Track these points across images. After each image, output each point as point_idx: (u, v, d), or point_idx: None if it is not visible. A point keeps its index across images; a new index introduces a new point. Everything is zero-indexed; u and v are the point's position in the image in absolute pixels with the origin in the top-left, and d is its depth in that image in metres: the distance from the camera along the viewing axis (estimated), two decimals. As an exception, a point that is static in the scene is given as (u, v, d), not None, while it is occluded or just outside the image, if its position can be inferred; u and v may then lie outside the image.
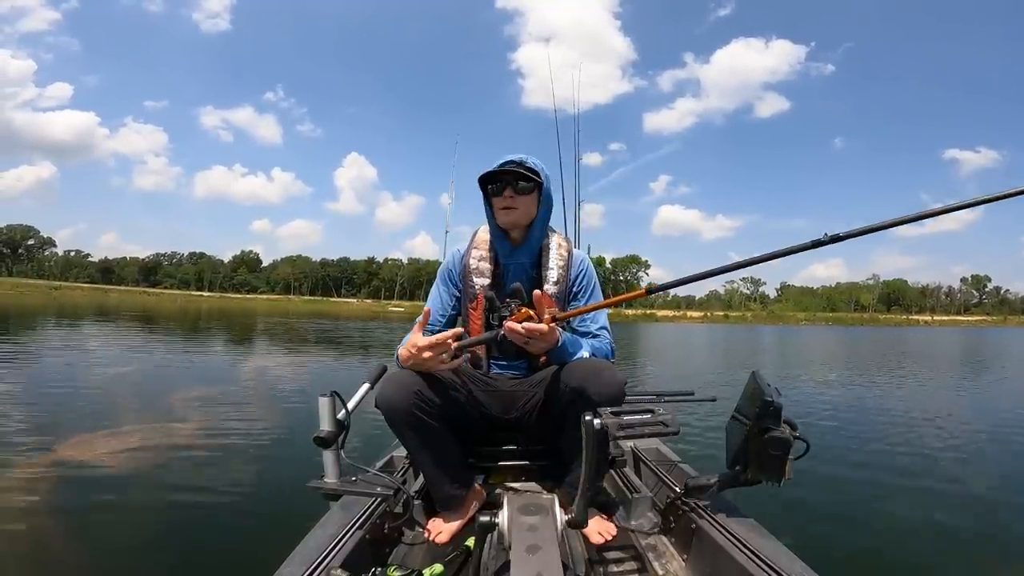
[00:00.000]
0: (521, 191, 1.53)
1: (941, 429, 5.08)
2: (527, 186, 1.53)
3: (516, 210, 1.54)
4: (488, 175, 1.54)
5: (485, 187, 1.57)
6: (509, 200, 1.53)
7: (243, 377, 7.22)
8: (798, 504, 2.71)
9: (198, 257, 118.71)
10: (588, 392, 1.27)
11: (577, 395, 1.29)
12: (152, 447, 3.43)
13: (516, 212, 1.54)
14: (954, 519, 2.79)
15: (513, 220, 1.55)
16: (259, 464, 3.26)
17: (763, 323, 65.60)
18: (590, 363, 1.37)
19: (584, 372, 1.32)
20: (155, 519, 2.46)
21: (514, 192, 1.52)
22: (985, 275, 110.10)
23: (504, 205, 1.53)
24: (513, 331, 1.26)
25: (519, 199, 1.53)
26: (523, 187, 1.53)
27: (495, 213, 1.56)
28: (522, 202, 1.54)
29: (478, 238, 1.64)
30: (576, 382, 1.30)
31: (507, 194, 1.52)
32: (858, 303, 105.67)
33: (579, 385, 1.29)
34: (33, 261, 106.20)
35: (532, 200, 1.55)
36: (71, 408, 4.52)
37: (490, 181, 1.55)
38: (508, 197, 1.53)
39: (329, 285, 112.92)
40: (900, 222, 1.08)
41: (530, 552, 0.90)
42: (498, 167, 1.53)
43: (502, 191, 1.53)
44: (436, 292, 1.64)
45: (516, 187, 1.52)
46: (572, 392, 1.31)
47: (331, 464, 1.34)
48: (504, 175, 1.53)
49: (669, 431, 1.02)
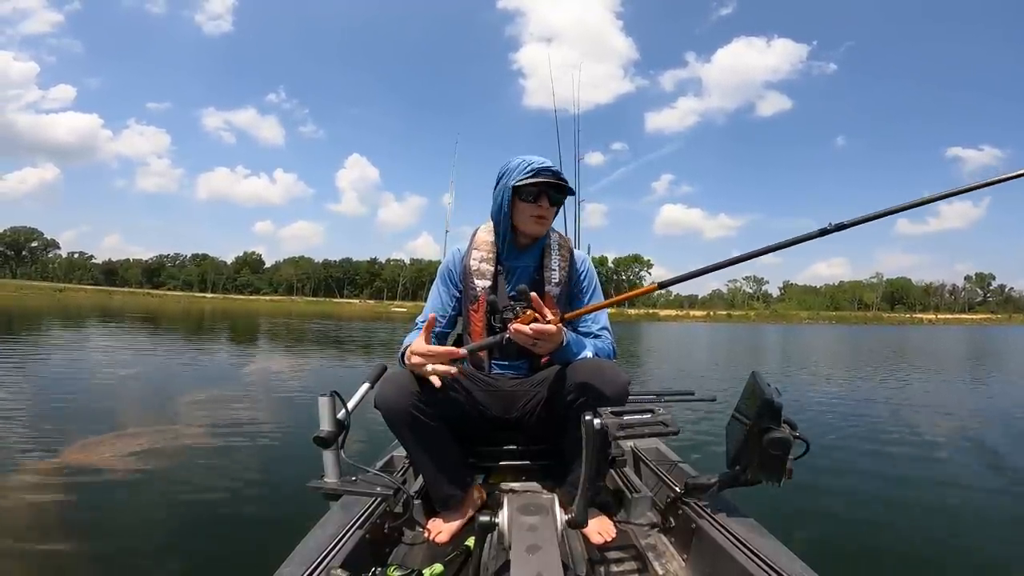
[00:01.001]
0: (554, 202, 1.52)
1: (943, 428, 5.06)
2: (561, 198, 1.53)
3: (547, 220, 1.53)
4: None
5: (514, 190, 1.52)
6: (544, 210, 1.50)
7: (245, 378, 7.23)
8: (798, 504, 2.70)
9: (201, 258, 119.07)
10: (593, 391, 1.28)
11: (581, 394, 1.30)
12: (152, 448, 3.44)
13: (547, 222, 1.53)
14: (955, 518, 2.78)
15: (543, 230, 1.54)
16: (259, 464, 3.26)
17: (766, 322, 65.46)
18: (594, 363, 1.37)
19: (589, 371, 1.32)
20: (154, 519, 2.46)
21: (549, 203, 1.51)
22: (989, 273, 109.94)
23: (539, 214, 1.50)
24: (521, 333, 1.25)
25: (551, 210, 1.52)
26: (557, 199, 1.52)
27: (523, 220, 1.52)
28: (552, 212, 1.53)
29: (478, 238, 1.60)
30: (581, 381, 1.31)
31: (543, 204, 1.50)
32: (861, 302, 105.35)
33: (584, 384, 1.30)
34: (37, 263, 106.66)
35: (554, 211, 1.55)
36: (76, 410, 4.54)
37: (523, 186, 1.50)
38: (543, 207, 1.50)
39: (332, 286, 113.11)
40: (910, 206, 1.10)
41: (530, 552, 0.90)
42: (534, 172, 1.49)
43: (537, 199, 1.49)
44: (436, 292, 1.60)
45: (551, 198, 1.51)
46: (577, 391, 1.31)
47: (331, 464, 1.34)
48: (541, 184, 1.48)
49: (669, 431, 1.02)
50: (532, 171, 1.48)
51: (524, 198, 1.50)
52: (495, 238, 1.57)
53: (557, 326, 1.26)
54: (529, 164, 1.50)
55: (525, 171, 1.49)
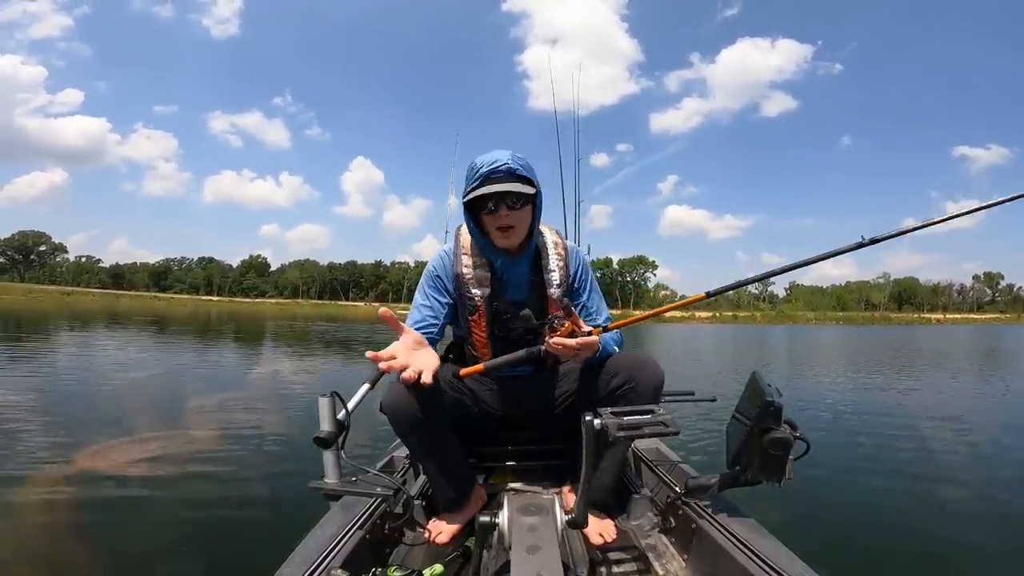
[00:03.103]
0: (516, 206, 1.32)
1: (946, 428, 4.99)
2: (524, 195, 1.32)
3: (514, 228, 1.34)
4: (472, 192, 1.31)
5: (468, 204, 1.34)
6: (506, 218, 1.31)
7: (248, 379, 7.28)
8: (798, 504, 2.68)
9: (207, 262, 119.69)
10: (637, 384, 1.30)
11: (625, 384, 1.31)
12: (154, 451, 3.45)
13: (515, 231, 1.35)
14: (956, 518, 2.75)
15: (514, 240, 1.37)
16: (260, 465, 3.27)
17: (772, 323, 65.04)
18: (632, 356, 1.38)
19: (630, 364, 1.34)
20: (154, 519, 2.47)
21: (509, 209, 1.31)
22: (998, 272, 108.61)
23: (502, 225, 1.32)
24: (564, 346, 1.24)
25: (515, 215, 1.32)
26: (519, 198, 1.32)
27: (491, 234, 1.35)
28: (519, 217, 1.34)
29: (464, 242, 1.45)
30: (625, 374, 1.32)
31: (503, 213, 1.30)
32: (869, 302, 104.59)
33: (629, 376, 1.32)
34: (45, 267, 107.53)
35: (528, 210, 1.36)
36: (83, 413, 4.57)
37: (474, 199, 1.32)
38: (504, 216, 1.31)
39: (337, 289, 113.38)
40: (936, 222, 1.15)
41: (530, 552, 0.91)
42: (482, 180, 1.29)
43: (496, 209, 1.30)
44: (426, 298, 1.46)
45: (511, 203, 1.31)
46: (620, 382, 1.32)
47: (331, 464, 1.34)
48: (493, 193, 1.29)
49: (669, 431, 1.02)
50: (480, 177, 1.30)
51: (481, 211, 1.34)
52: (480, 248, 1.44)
53: (597, 336, 1.26)
54: (477, 170, 1.31)
55: (473, 180, 1.32)
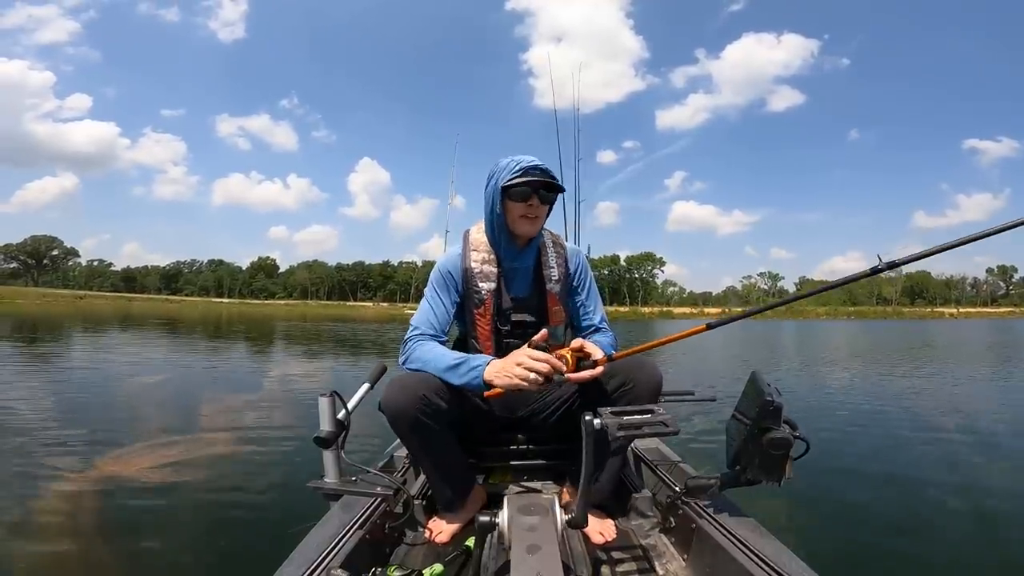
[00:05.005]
0: (545, 200, 1.49)
1: (947, 428, 4.89)
2: (551, 196, 1.50)
3: (539, 219, 1.50)
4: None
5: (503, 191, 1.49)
6: (534, 209, 1.47)
7: (253, 380, 7.35)
8: (798, 504, 2.66)
9: (217, 264, 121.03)
10: (635, 384, 1.33)
11: (623, 386, 1.34)
12: (157, 450, 3.49)
13: (539, 222, 1.51)
14: (957, 518, 2.72)
15: (535, 229, 1.51)
16: (261, 465, 3.29)
17: (782, 318, 64.45)
18: (630, 358, 1.38)
19: (628, 365, 1.35)
20: (154, 520, 2.49)
21: (539, 201, 1.47)
22: (1011, 265, 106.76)
23: (529, 214, 1.47)
24: (579, 380, 1.28)
25: (542, 208, 1.49)
26: (548, 197, 1.49)
27: (514, 220, 1.48)
28: (543, 211, 1.50)
29: (474, 239, 1.57)
30: (623, 376, 1.34)
31: (532, 203, 1.46)
32: (880, 296, 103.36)
33: (626, 378, 1.34)
34: (58, 271, 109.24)
35: (547, 208, 1.53)
36: (100, 419, 4.62)
37: (512, 186, 1.47)
38: (532, 206, 1.46)
39: (345, 289, 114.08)
40: (957, 244, 1.12)
41: (530, 552, 0.91)
42: (522, 171, 1.45)
43: (527, 198, 1.45)
44: (436, 299, 1.52)
45: (542, 196, 1.47)
46: (619, 384, 1.34)
47: (331, 464, 1.35)
48: (530, 183, 1.45)
49: (669, 431, 1.02)
50: (521, 170, 1.45)
51: (514, 198, 1.46)
52: (490, 239, 1.54)
53: (604, 363, 1.30)
54: (518, 163, 1.47)
55: (514, 171, 1.46)
